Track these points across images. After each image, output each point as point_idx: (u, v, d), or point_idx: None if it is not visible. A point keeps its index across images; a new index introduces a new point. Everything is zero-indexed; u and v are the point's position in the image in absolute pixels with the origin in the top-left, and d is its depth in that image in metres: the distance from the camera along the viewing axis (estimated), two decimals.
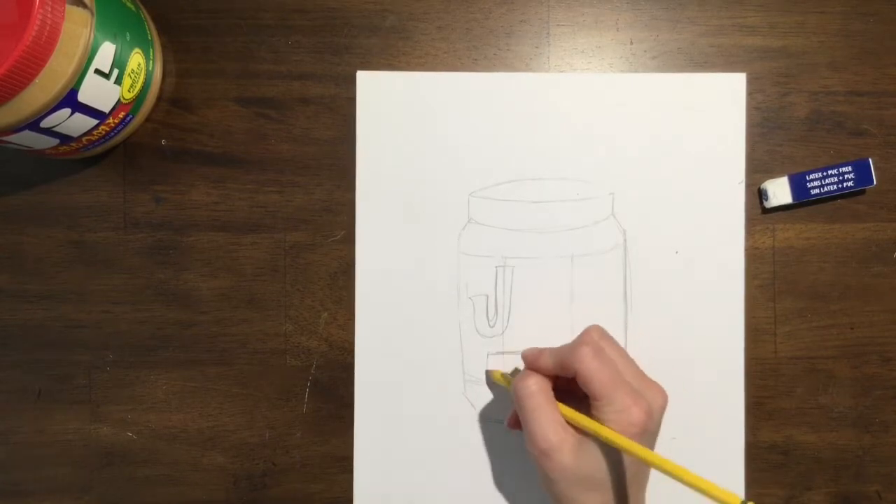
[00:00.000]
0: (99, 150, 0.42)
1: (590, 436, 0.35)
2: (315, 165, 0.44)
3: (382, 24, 0.44)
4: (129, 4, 0.39)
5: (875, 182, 0.43)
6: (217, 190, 0.43)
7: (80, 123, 0.37)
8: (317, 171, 0.44)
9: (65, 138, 0.38)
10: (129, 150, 0.44)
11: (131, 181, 0.44)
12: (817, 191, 0.43)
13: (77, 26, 0.34)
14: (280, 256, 0.44)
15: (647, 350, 0.43)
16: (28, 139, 0.36)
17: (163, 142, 0.43)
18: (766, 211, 0.44)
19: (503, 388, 0.42)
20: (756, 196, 0.44)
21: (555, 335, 0.43)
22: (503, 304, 0.43)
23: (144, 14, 0.41)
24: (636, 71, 0.44)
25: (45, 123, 0.35)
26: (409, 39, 0.44)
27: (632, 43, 0.44)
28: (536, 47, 0.44)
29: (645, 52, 0.44)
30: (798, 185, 0.43)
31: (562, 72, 0.44)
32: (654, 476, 0.36)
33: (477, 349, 0.43)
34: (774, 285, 0.44)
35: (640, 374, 0.37)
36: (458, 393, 0.43)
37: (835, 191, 0.43)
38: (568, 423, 0.36)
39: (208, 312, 0.43)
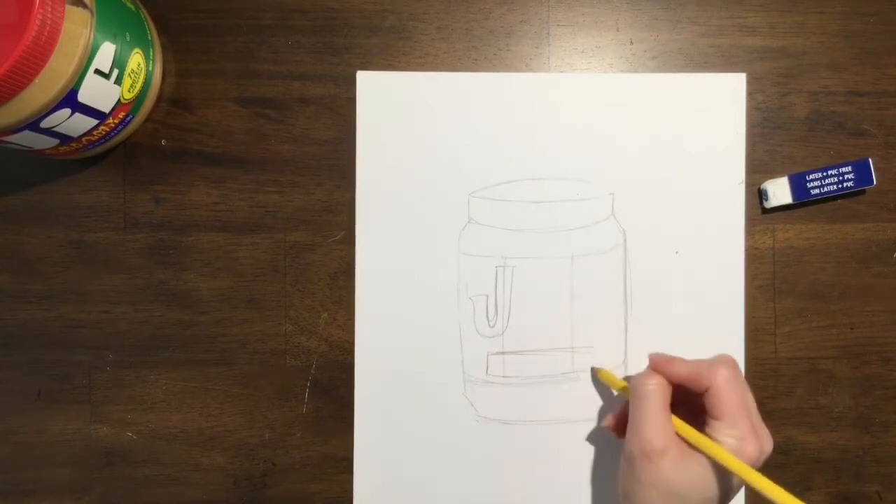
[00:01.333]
0: (99, 150, 0.42)
1: (694, 453, 0.35)
2: (315, 165, 0.44)
3: (382, 24, 0.44)
4: (129, 4, 0.39)
5: (875, 182, 0.43)
6: (217, 190, 0.43)
7: (80, 123, 0.37)
8: (317, 171, 0.44)
9: (65, 138, 0.38)
10: (129, 150, 0.44)
11: (131, 181, 0.44)
12: (817, 191, 0.43)
13: (77, 26, 0.34)
14: (280, 256, 0.44)
15: (646, 350, 0.43)
16: (28, 139, 0.36)
17: (163, 142, 0.43)
18: (766, 211, 0.44)
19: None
20: (756, 196, 0.44)
21: (555, 335, 0.43)
22: (503, 304, 0.43)
23: (144, 14, 0.41)
24: (636, 71, 0.44)
25: (45, 123, 0.35)
26: (409, 39, 0.44)
27: (632, 43, 0.44)
28: (536, 47, 0.44)
29: (645, 52, 0.44)
30: (798, 186, 0.43)
31: (562, 72, 0.44)
32: None
33: (477, 349, 0.43)
34: (774, 285, 0.44)
35: (758, 415, 0.37)
36: (458, 393, 0.43)
37: (835, 191, 0.43)
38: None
39: (208, 312, 0.43)
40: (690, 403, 0.38)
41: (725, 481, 0.35)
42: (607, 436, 0.42)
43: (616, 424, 0.41)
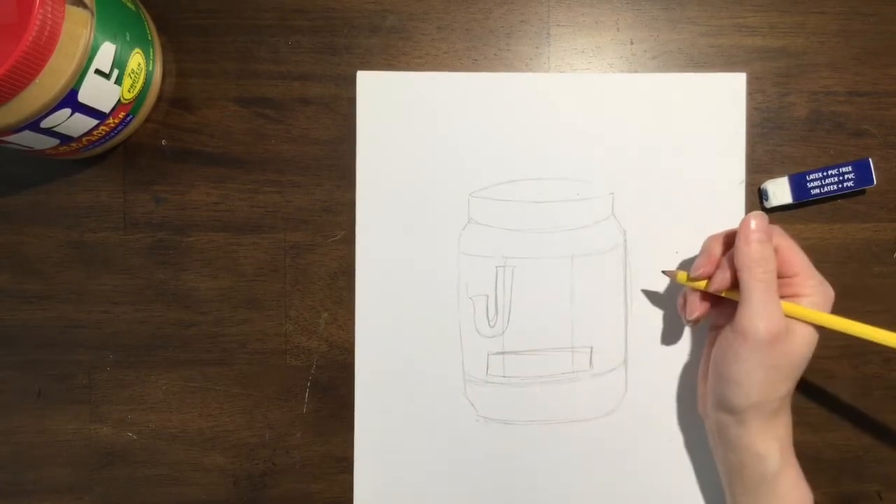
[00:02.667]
0: (99, 150, 0.42)
1: (798, 324, 0.36)
2: (315, 165, 0.44)
3: (382, 24, 0.44)
4: (129, 4, 0.39)
5: (875, 182, 0.43)
6: (217, 190, 0.43)
7: (80, 123, 0.37)
8: (317, 171, 0.44)
9: (65, 138, 0.38)
10: (129, 150, 0.44)
11: (131, 181, 0.44)
12: (817, 191, 0.43)
13: (77, 26, 0.34)
14: (280, 256, 0.44)
15: (646, 350, 0.43)
16: (28, 139, 0.36)
17: (163, 142, 0.43)
18: (766, 211, 0.44)
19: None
20: (756, 196, 0.44)
21: (555, 335, 0.43)
22: (503, 304, 0.43)
23: (144, 14, 0.41)
24: (636, 71, 0.44)
25: (45, 123, 0.35)
26: (409, 39, 0.44)
27: (632, 43, 0.44)
28: (536, 47, 0.44)
29: (645, 52, 0.44)
30: (798, 186, 0.43)
31: (562, 72, 0.44)
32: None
33: (477, 349, 0.43)
34: None
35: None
36: (458, 393, 0.43)
37: (835, 191, 0.43)
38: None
39: (208, 312, 0.43)
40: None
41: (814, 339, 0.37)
42: (602, 432, 0.42)
43: (701, 306, 0.39)
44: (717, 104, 0.44)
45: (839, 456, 0.44)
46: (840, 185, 0.43)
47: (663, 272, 0.41)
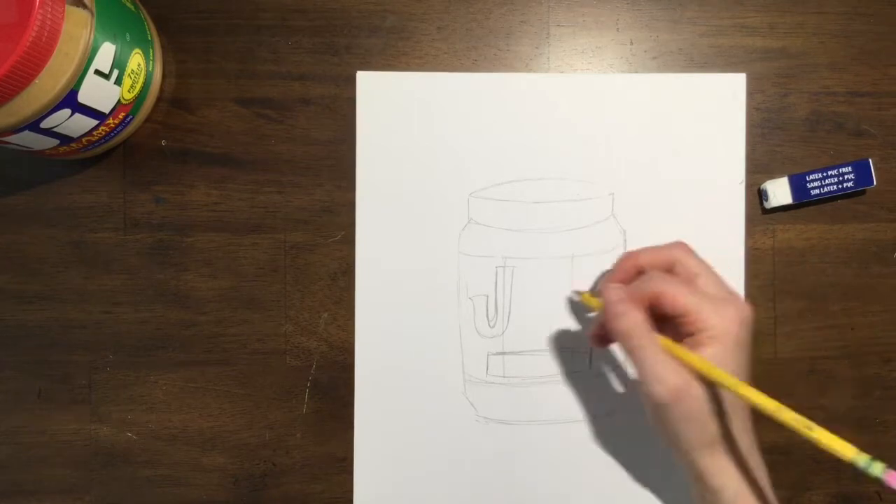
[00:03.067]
0: (99, 150, 0.42)
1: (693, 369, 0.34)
2: (315, 166, 0.43)
3: (382, 24, 0.44)
4: (129, 5, 0.39)
5: (875, 182, 0.43)
6: (217, 190, 0.43)
7: (80, 124, 0.37)
8: (317, 171, 0.44)
9: (65, 139, 0.38)
10: (129, 151, 0.44)
11: (131, 181, 0.44)
12: (817, 191, 0.43)
13: (77, 27, 0.34)
14: (280, 257, 0.44)
15: None
16: (28, 140, 0.36)
17: (163, 142, 0.43)
18: (766, 211, 0.44)
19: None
20: (756, 196, 0.44)
21: (555, 335, 0.43)
22: (503, 305, 0.43)
23: (144, 14, 0.41)
24: (636, 71, 0.44)
25: (45, 124, 0.35)
26: (409, 39, 0.44)
27: (632, 43, 0.44)
28: (536, 47, 0.44)
29: (645, 52, 0.44)
30: (798, 186, 0.43)
31: (562, 72, 0.44)
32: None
33: (477, 349, 0.43)
34: (774, 286, 0.44)
35: (725, 287, 0.36)
36: (458, 393, 0.43)
37: (835, 191, 0.43)
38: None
39: (208, 313, 0.43)
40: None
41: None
42: (602, 432, 0.42)
43: (602, 339, 0.40)
44: (717, 104, 0.44)
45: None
46: (840, 186, 0.43)
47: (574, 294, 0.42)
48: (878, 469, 0.27)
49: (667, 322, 0.35)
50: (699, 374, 0.33)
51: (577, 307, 0.43)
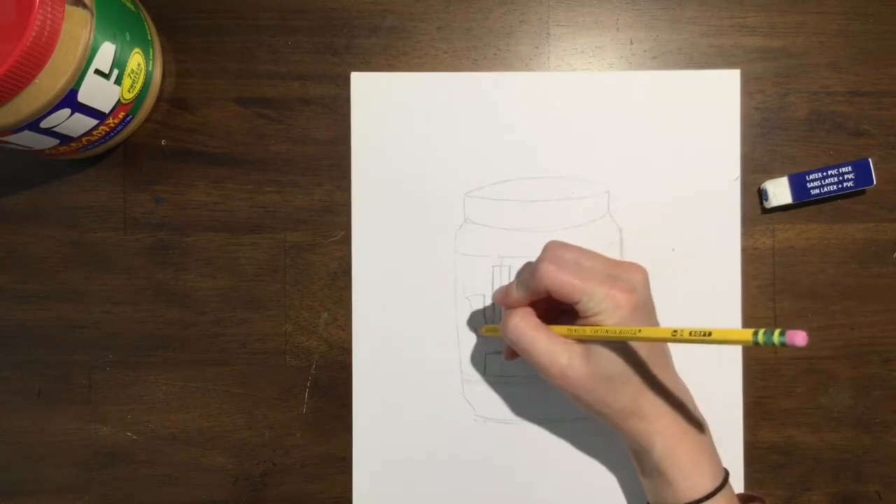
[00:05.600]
0: (99, 150, 0.42)
1: (593, 340, 0.35)
2: (315, 166, 0.44)
3: (382, 24, 0.44)
4: (129, 4, 0.39)
5: (875, 182, 0.43)
6: (217, 190, 0.44)
7: (80, 123, 0.38)
8: (316, 171, 0.44)
9: (65, 138, 0.38)
10: (129, 150, 0.44)
11: (131, 181, 0.44)
12: (817, 191, 0.43)
13: (77, 27, 0.34)
14: (280, 256, 0.44)
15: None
16: (28, 139, 0.36)
17: (163, 142, 0.44)
18: (766, 211, 0.44)
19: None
20: (756, 196, 0.44)
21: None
22: None
23: (144, 14, 0.41)
24: (635, 71, 0.44)
25: (45, 123, 0.35)
26: (409, 39, 0.44)
27: (632, 43, 0.44)
28: (536, 47, 0.44)
29: (645, 52, 0.44)
30: (798, 186, 0.43)
31: (562, 72, 0.44)
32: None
33: (475, 349, 0.43)
34: (774, 285, 0.44)
35: (609, 262, 0.37)
36: (456, 393, 0.43)
37: (835, 191, 0.43)
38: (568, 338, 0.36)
39: (208, 312, 0.44)
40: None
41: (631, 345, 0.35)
42: (602, 430, 0.42)
43: (511, 353, 0.41)
44: (712, 101, 0.43)
45: (839, 456, 0.44)
46: (840, 186, 0.43)
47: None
48: (776, 336, 0.27)
49: (572, 312, 0.36)
50: (603, 343, 0.35)
51: None
